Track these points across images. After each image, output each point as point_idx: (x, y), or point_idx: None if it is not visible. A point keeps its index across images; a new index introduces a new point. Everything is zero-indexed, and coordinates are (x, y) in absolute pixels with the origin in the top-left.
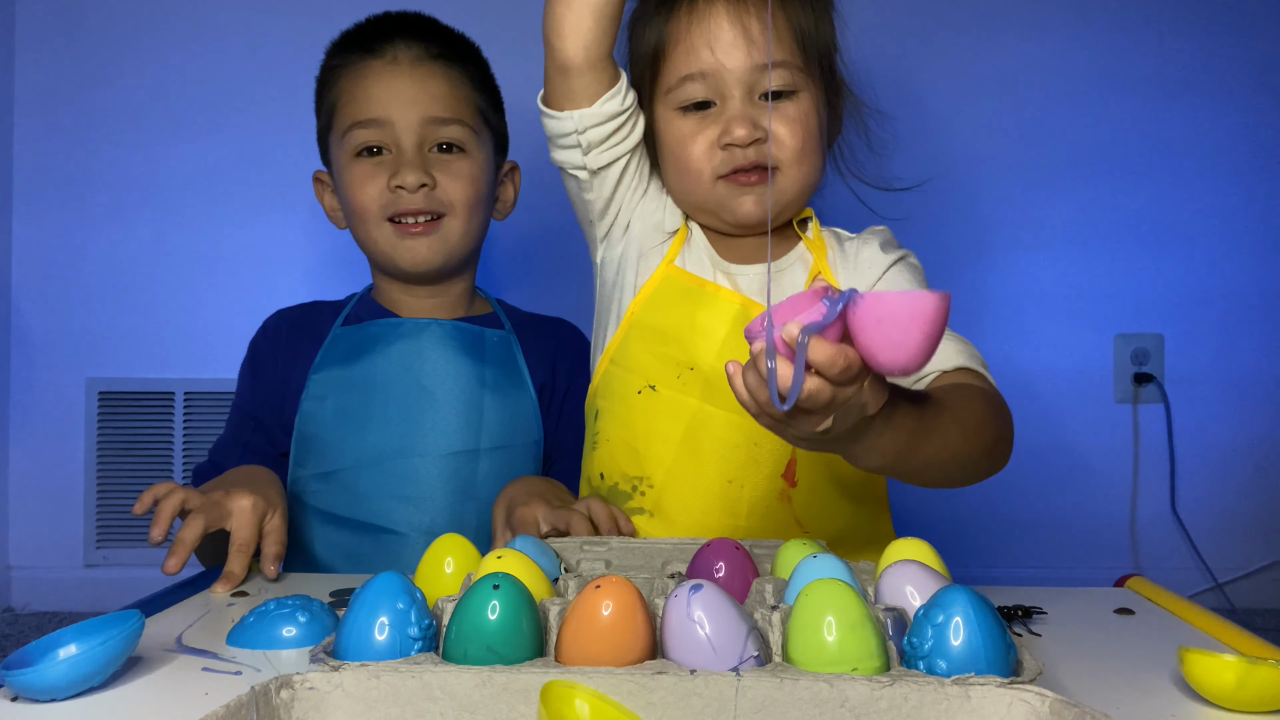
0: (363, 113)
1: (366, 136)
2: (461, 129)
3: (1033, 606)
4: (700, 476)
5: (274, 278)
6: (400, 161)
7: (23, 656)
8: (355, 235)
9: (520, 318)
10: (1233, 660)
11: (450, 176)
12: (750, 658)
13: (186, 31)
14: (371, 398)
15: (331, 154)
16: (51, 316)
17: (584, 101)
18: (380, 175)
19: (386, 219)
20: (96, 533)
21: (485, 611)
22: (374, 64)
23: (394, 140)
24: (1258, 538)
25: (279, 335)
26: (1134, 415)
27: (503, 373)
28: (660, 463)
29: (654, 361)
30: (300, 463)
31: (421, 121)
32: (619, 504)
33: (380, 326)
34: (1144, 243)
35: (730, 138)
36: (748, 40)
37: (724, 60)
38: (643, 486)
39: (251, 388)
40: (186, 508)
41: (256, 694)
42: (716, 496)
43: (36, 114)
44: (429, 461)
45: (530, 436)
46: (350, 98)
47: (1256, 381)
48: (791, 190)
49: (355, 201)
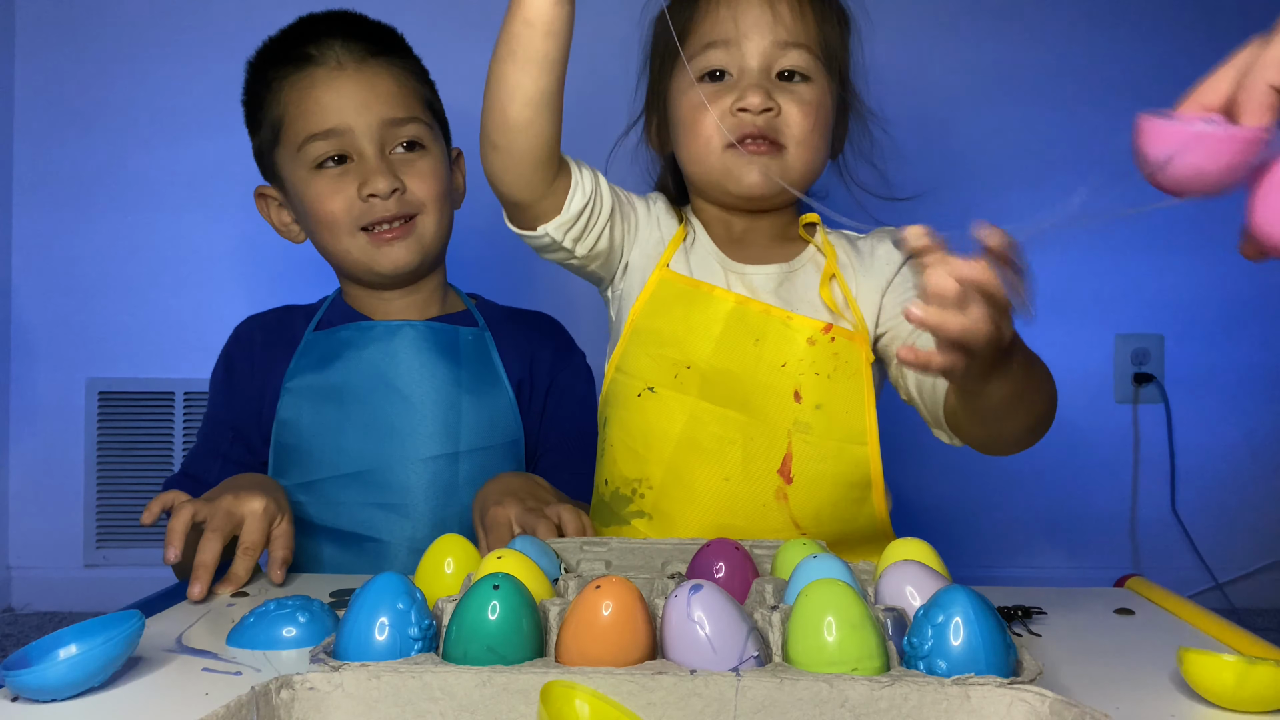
0: (318, 124)
1: (326, 148)
2: (418, 125)
3: (1033, 606)
4: (697, 474)
5: (273, 277)
6: (366, 169)
7: (23, 656)
8: (321, 246)
9: (496, 313)
10: (1232, 660)
11: (416, 176)
12: (750, 658)
13: (186, 31)
14: (347, 405)
15: (281, 168)
16: (51, 316)
17: (551, 214)
18: (347, 185)
19: (360, 229)
20: (96, 533)
21: (485, 611)
22: (318, 72)
23: (354, 148)
24: (1258, 538)
25: (253, 343)
26: (1134, 415)
27: (478, 373)
28: (659, 462)
29: (652, 364)
30: (279, 474)
31: (380, 124)
32: (620, 509)
33: (351, 330)
34: (1144, 243)
35: (743, 103)
36: (774, 18)
37: (747, 32)
38: (642, 489)
39: (228, 397)
40: (197, 520)
41: (257, 694)
42: (713, 495)
43: (37, 114)
44: (408, 467)
45: (509, 436)
46: (300, 110)
47: (1256, 381)
48: (794, 169)
49: (322, 214)
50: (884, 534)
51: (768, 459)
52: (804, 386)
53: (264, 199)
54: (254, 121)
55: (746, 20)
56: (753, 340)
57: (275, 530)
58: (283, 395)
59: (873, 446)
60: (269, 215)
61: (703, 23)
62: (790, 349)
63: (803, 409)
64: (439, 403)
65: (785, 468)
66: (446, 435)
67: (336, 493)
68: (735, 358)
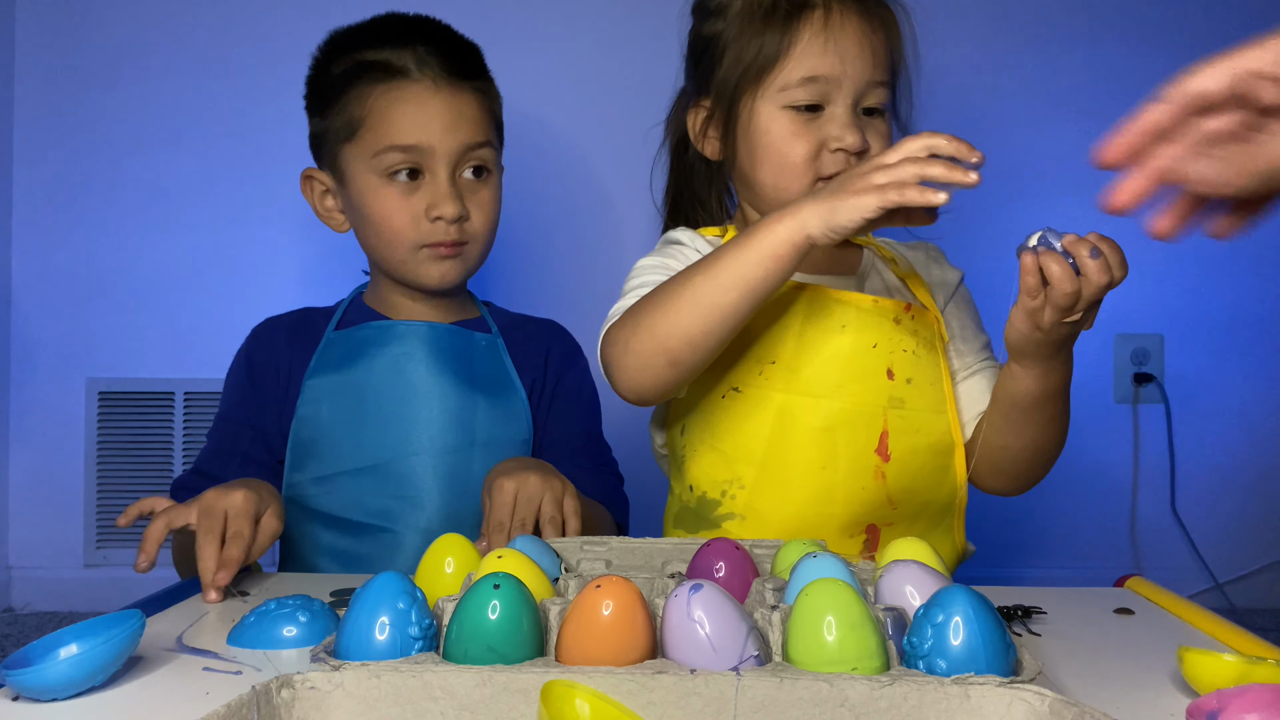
0: (401, 136)
1: (403, 160)
2: (489, 150)
3: (1033, 606)
4: (793, 467)
5: (272, 278)
6: (437, 192)
7: (23, 656)
8: (369, 247)
9: (507, 320)
10: (1233, 660)
11: (478, 205)
12: (750, 657)
13: (183, 39)
14: (365, 400)
15: (346, 164)
16: (52, 317)
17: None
18: (416, 202)
19: (420, 245)
20: (96, 533)
21: (486, 611)
22: (411, 87)
23: (430, 165)
24: (1258, 538)
25: (275, 342)
26: (1134, 415)
27: (492, 375)
28: (751, 461)
29: (734, 363)
30: (297, 468)
31: (460, 149)
32: (709, 513)
33: (372, 330)
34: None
35: (841, 143)
36: (872, 57)
37: (848, 70)
38: (732, 490)
39: (248, 397)
40: (174, 526)
41: (257, 694)
42: (812, 486)
43: (37, 114)
44: (424, 460)
45: (521, 435)
46: (385, 118)
47: (1257, 381)
48: None
49: (385, 225)
50: (958, 506)
51: (866, 440)
52: (896, 364)
53: (311, 181)
54: (322, 107)
55: (848, 56)
56: (839, 327)
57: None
58: (303, 391)
59: (953, 414)
60: (312, 199)
61: (804, 52)
62: (879, 330)
63: (895, 385)
64: (455, 397)
65: (883, 446)
66: (461, 428)
67: (352, 484)
68: (822, 347)
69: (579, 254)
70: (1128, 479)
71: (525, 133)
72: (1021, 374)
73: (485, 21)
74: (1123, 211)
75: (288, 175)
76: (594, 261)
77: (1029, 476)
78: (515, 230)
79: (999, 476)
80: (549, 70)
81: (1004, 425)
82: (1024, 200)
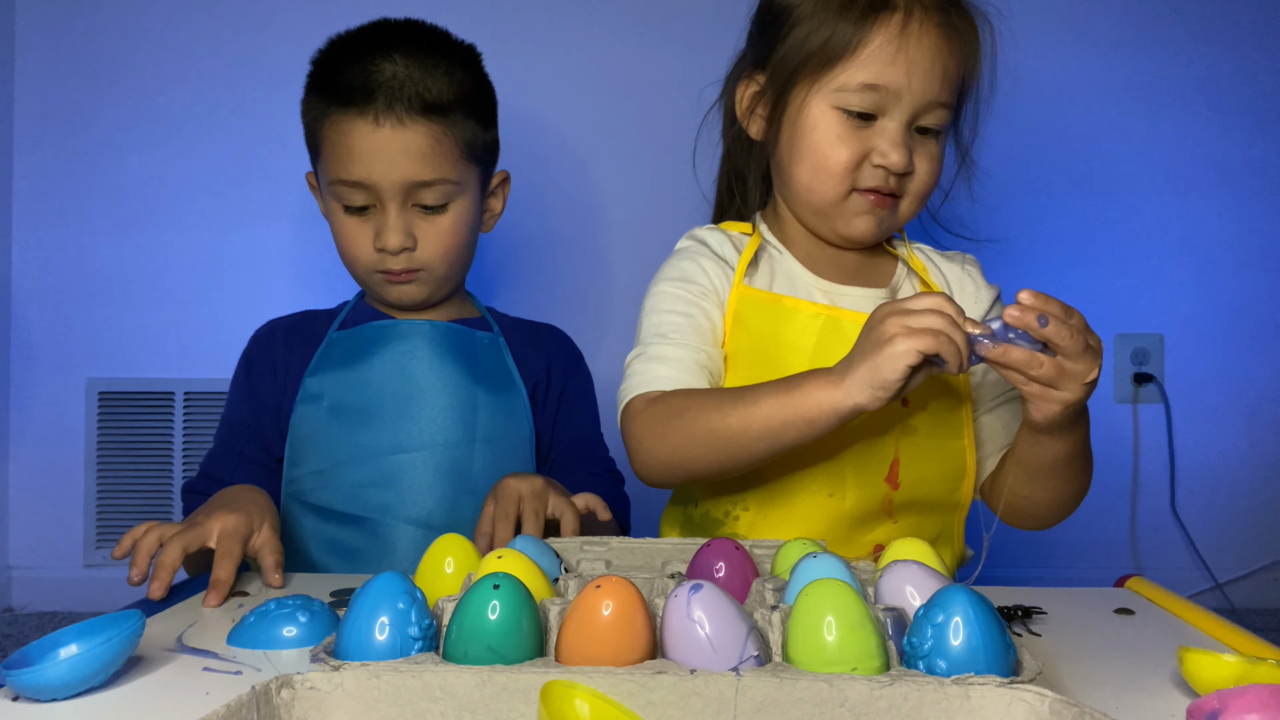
0: (347, 171)
1: (351, 196)
2: (443, 188)
3: (1033, 606)
4: (800, 494)
5: (272, 278)
6: (383, 223)
7: (23, 656)
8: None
9: (508, 322)
10: (1233, 660)
11: (432, 235)
12: (750, 657)
13: (182, 40)
14: (366, 395)
15: (317, 175)
16: (52, 317)
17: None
18: (367, 233)
19: (375, 270)
20: (96, 533)
21: (485, 611)
22: (358, 123)
23: (378, 199)
24: (1258, 538)
25: (274, 344)
26: (1134, 415)
27: (494, 373)
28: (757, 486)
29: (743, 383)
30: (295, 463)
31: (404, 185)
32: (710, 532)
33: (375, 329)
34: (1144, 244)
35: (885, 160)
36: (940, 73)
37: (911, 85)
38: (736, 510)
39: (247, 398)
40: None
41: (257, 694)
42: (817, 513)
43: (37, 114)
44: (424, 454)
45: (522, 432)
46: (334, 151)
47: (1256, 381)
48: (904, 218)
49: (344, 248)
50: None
51: (877, 469)
52: (912, 391)
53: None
54: (303, 119)
55: (916, 70)
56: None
57: (255, 541)
58: (302, 388)
59: (969, 439)
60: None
61: (872, 57)
62: None
63: (910, 412)
64: (456, 393)
65: (893, 474)
66: (462, 424)
67: (352, 477)
68: None
69: (579, 254)
70: (1128, 479)
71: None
72: (1048, 441)
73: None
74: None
75: (288, 175)
76: (594, 262)
77: (1053, 519)
78: (515, 231)
79: (1022, 518)
80: (549, 70)
81: (1028, 480)
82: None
